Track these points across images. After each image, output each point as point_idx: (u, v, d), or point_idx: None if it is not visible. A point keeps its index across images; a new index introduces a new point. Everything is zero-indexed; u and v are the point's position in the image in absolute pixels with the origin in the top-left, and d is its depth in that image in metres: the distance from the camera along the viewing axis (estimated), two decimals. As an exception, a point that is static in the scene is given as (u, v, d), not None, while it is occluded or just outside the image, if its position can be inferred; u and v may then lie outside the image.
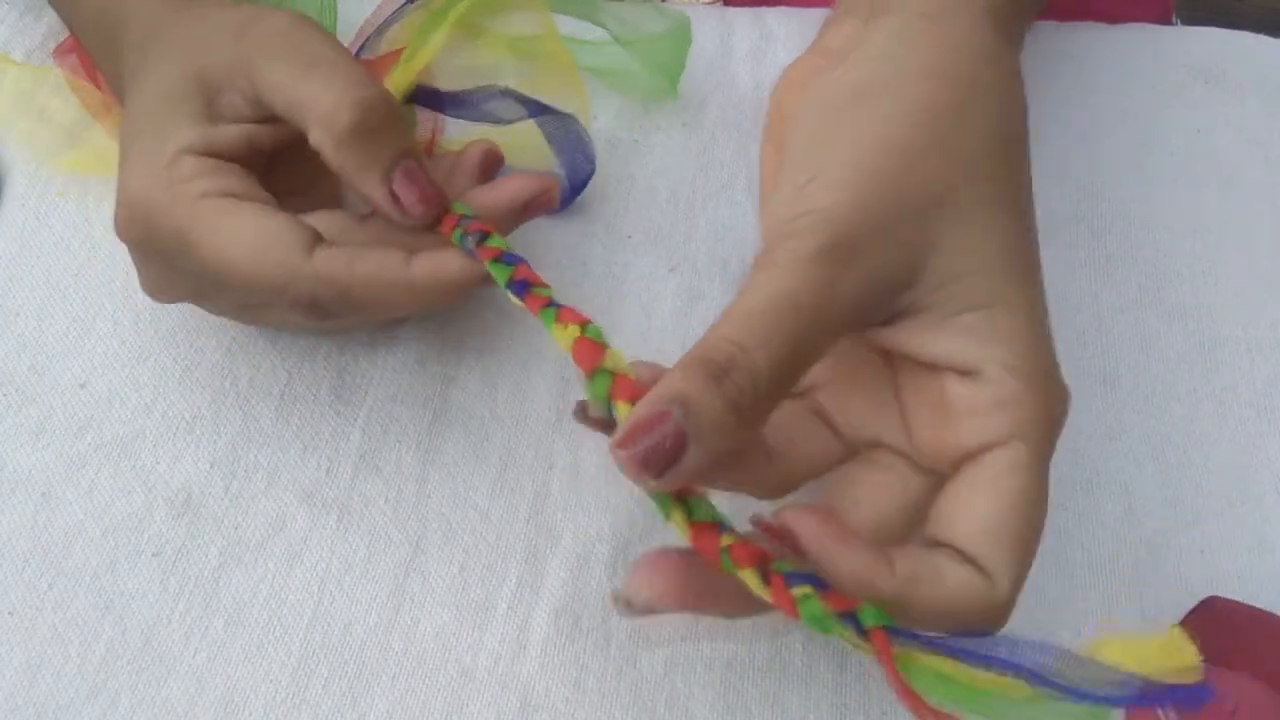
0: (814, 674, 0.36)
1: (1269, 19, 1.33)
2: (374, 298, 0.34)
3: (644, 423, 0.26)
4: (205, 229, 0.33)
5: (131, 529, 0.37)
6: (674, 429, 0.26)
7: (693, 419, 0.26)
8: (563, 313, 0.31)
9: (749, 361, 0.27)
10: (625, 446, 0.26)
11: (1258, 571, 0.37)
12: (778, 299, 0.27)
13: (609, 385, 0.29)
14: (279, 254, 0.33)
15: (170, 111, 0.34)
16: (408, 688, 0.35)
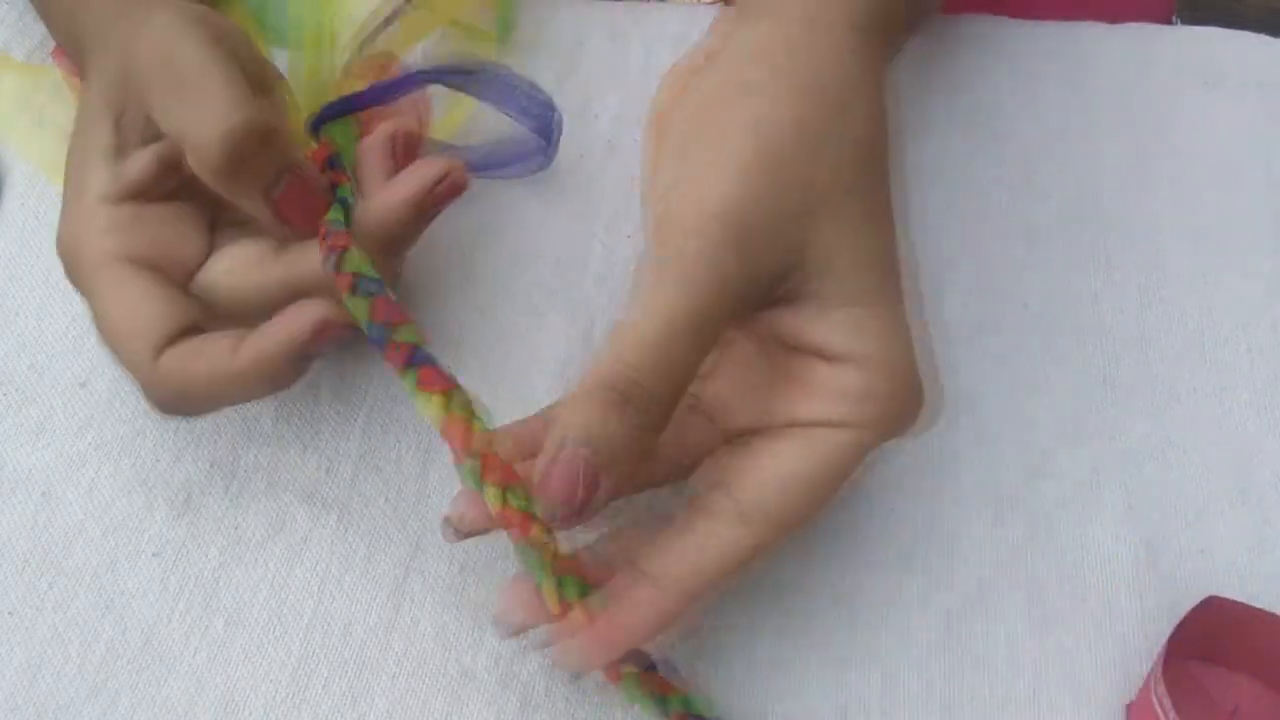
0: (814, 674, 0.36)
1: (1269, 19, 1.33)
2: (212, 395, 0.33)
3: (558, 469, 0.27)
4: (98, 298, 0.33)
5: (131, 529, 0.37)
6: (585, 468, 0.27)
7: (601, 453, 0.27)
8: (424, 374, 0.30)
9: (648, 385, 0.28)
10: (548, 496, 0.28)
11: (1258, 571, 0.37)
12: (672, 315, 0.28)
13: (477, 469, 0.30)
14: (133, 349, 0.33)
15: (88, 148, 0.34)
16: (408, 688, 0.35)
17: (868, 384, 0.30)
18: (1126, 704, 0.35)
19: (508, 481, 0.30)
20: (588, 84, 0.46)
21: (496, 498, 0.30)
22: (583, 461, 0.27)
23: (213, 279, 0.35)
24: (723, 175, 0.29)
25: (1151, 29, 0.49)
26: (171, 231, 0.35)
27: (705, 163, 0.30)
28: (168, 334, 0.33)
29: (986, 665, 0.36)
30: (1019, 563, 0.37)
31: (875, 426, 0.30)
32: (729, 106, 0.31)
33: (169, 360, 0.33)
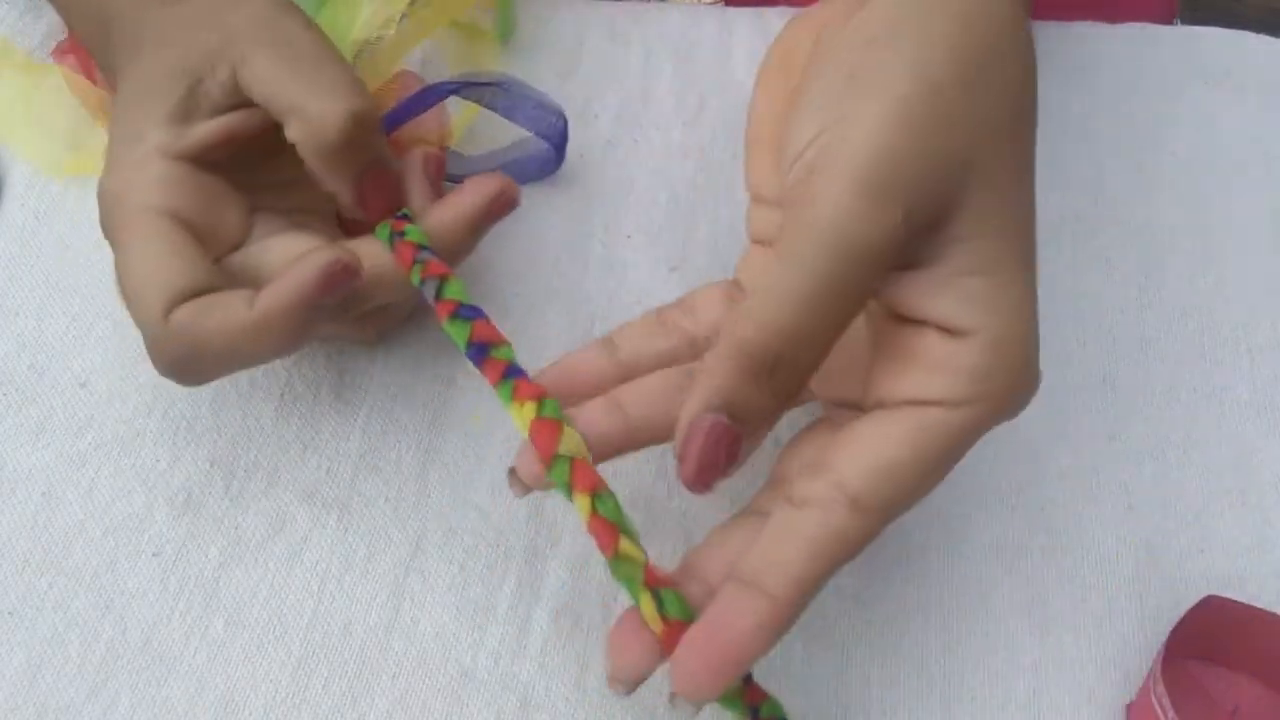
0: (814, 674, 0.36)
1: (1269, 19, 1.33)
2: (229, 348, 0.32)
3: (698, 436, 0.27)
4: (126, 247, 0.33)
5: (131, 529, 0.37)
6: (728, 436, 0.27)
7: (742, 421, 0.27)
8: (519, 385, 0.31)
9: (791, 352, 0.27)
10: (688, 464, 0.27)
11: (1258, 571, 0.37)
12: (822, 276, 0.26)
13: (568, 473, 0.30)
14: (147, 301, 0.32)
15: (149, 107, 0.34)
16: (408, 688, 0.35)
17: (991, 362, 0.28)
18: (1126, 704, 0.35)
19: (596, 489, 0.30)
20: (588, 84, 0.46)
21: (585, 506, 0.29)
22: (725, 429, 0.27)
23: (263, 262, 0.35)
24: (877, 120, 0.27)
25: (1152, 29, 0.49)
26: (218, 202, 0.35)
27: (859, 105, 0.28)
28: (185, 290, 0.32)
29: (986, 665, 0.36)
30: (1019, 563, 0.37)
31: (994, 408, 0.28)
32: (881, 52, 0.28)
33: (180, 315, 0.32)
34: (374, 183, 0.35)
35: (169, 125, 0.34)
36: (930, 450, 0.28)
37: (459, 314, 0.32)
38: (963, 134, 0.28)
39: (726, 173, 0.45)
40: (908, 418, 0.28)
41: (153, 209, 0.33)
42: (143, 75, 0.35)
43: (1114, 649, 0.36)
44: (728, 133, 0.46)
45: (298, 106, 0.33)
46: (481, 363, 0.32)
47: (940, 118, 0.27)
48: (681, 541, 0.37)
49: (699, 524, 0.38)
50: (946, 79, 0.28)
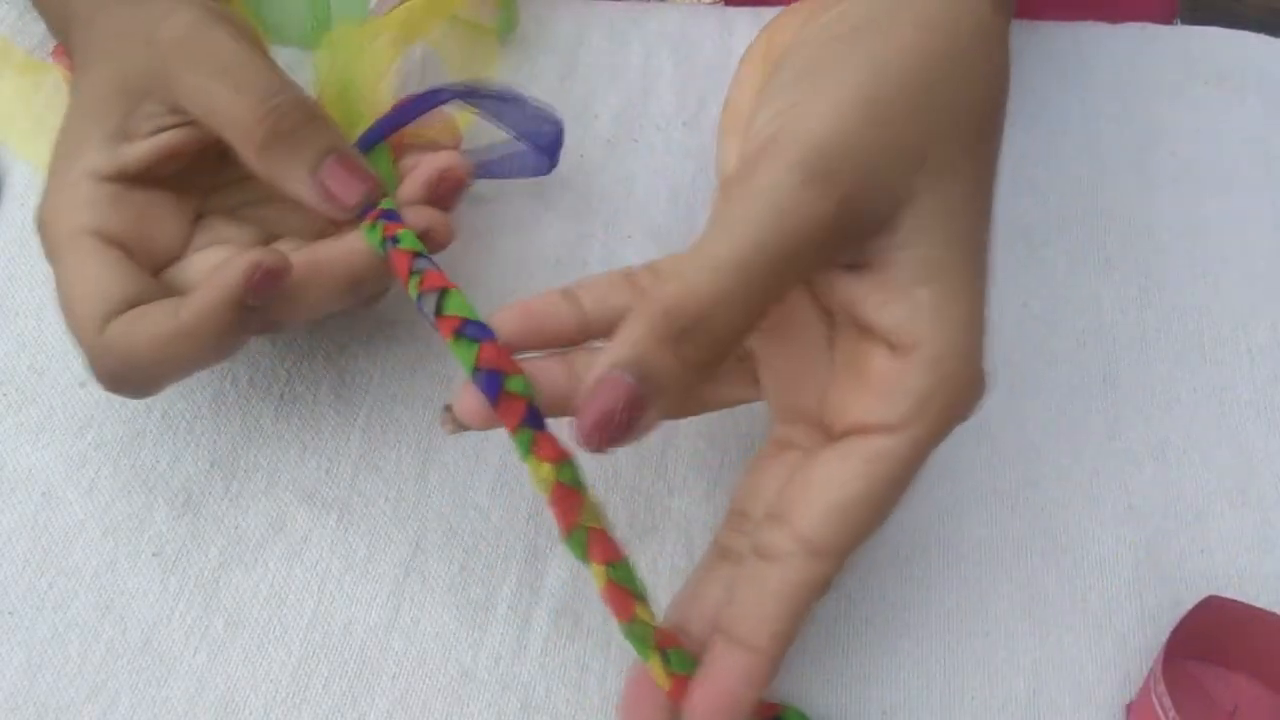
0: (814, 674, 0.36)
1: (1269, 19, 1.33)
2: (156, 360, 0.32)
3: (600, 393, 0.26)
4: (61, 266, 0.33)
5: (131, 529, 0.37)
6: (631, 396, 0.26)
7: (649, 383, 0.26)
8: (541, 442, 0.29)
9: (713, 320, 0.26)
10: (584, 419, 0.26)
11: (1258, 571, 0.37)
12: (754, 243, 0.26)
13: (585, 544, 0.29)
14: (81, 317, 0.33)
15: (87, 128, 0.34)
16: (408, 688, 0.35)
17: (932, 382, 0.28)
18: (1126, 704, 0.35)
19: (612, 560, 0.29)
20: (588, 84, 0.46)
21: (602, 575, 0.29)
22: (627, 388, 0.26)
23: (199, 272, 0.35)
24: (829, 108, 0.27)
25: (1152, 29, 0.49)
26: (151, 216, 0.35)
27: (814, 94, 0.28)
28: (118, 304, 0.33)
29: (986, 665, 0.36)
30: (1019, 563, 0.37)
31: (935, 428, 0.28)
32: (848, 42, 0.29)
33: (113, 329, 0.32)
34: (334, 175, 0.34)
35: (104, 146, 0.34)
36: (879, 482, 0.28)
37: (464, 333, 0.30)
38: (915, 133, 0.28)
39: (726, 173, 0.45)
40: (854, 453, 0.28)
41: (83, 230, 0.33)
42: (85, 94, 0.35)
43: (1114, 649, 0.36)
44: (728, 133, 0.46)
45: (223, 113, 0.33)
46: (495, 398, 0.29)
47: (892, 113, 0.28)
48: (681, 541, 0.37)
49: (699, 524, 0.38)
50: (903, 78, 0.28)
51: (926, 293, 0.28)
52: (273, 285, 0.32)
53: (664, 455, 0.39)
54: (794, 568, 0.28)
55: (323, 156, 0.34)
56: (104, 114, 0.34)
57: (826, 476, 0.29)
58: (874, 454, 0.28)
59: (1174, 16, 0.55)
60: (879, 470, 0.28)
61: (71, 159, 0.34)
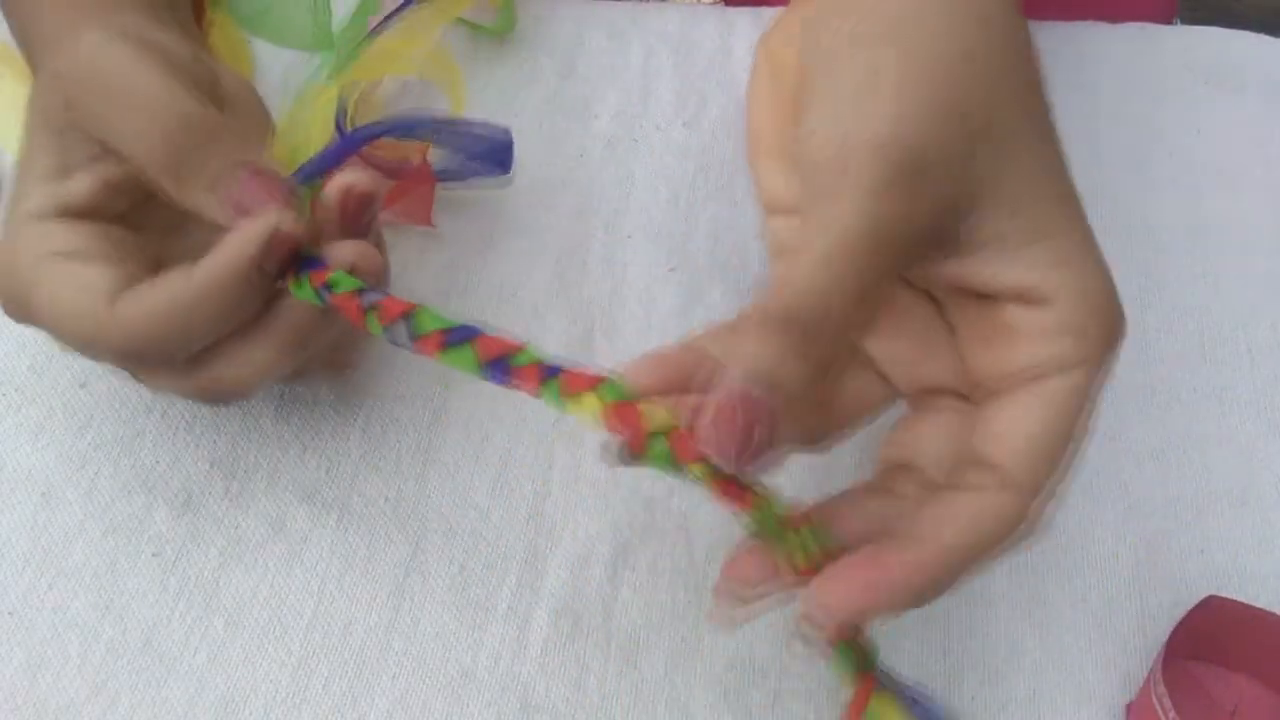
0: (814, 674, 0.36)
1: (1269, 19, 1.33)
2: (174, 328, 0.32)
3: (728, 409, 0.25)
4: (39, 291, 0.32)
5: (132, 529, 0.37)
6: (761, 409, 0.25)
7: (777, 392, 0.25)
8: (566, 379, 0.28)
9: (835, 317, 0.26)
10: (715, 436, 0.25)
11: (1258, 571, 0.37)
12: (853, 238, 0.26)
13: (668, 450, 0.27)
14: (86, 306, 0.32)
15: (27, 169, 0.34)
16: (408, 688, 0.35)
17: (1081, 317, 0.28)
18: (1126, 704, 0.35)
19: (703, 457, 0.27)
20: (588, 84, 0.46)
21: (704, 474, 0.27)
22: (758, 401, 0.25)
23: None
24: (898, 108, 0.28)
25: (1152, 29, 0.49)
26: (110, 244, 0.34)
27: (876, 96, 0.28)
28: (118, 286, 0.32)
29: (986, 665, 0.36)
30: (1019, 563, 0.37)
31: (1099, 359, 0.29)
32: (888, 40, 0.29)
33: (125, 303, 0.32)
34: (246, 191, 0.32)
35: (42, 186, 0.33)
36: (1064, 417, 0.28)
37: (450, 342, 0.29)
38: (979, 113, 0.28)
39: (726, 173, 0.45)
40: (1028, 391, 0.28)
41: (44, 256, 0.32)
42: (25, 135, 0.34)
43: (1114, 649, 0.36)
44: (728, 133, 0.46)
45: (124, 142, 0.32)
46: (508, 379, 0.28)
47: (954, 100, 0.28)
48: (682, 541, 0.37)
49: (699, 524, 0.38)
50: (956, 65, 0.28)
51: (1041, 248, 0.28)
52: (288, 246, 0.32)
53: (664, 455, 0.39)
54: (989, 494, 0.28)
55: (230, 171, 0.32)
56: (38, 154, 0.33)
57: (1013, 419, 0.28)
58: (1053, 392, 0.28)
59: (1174, 16, 0.56)
60: (1062, 406, 0.28)
61: (16, 201, 0.33)
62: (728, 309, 0.42)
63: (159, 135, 0.32)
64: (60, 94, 0.33)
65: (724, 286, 0.42)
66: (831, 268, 0.26)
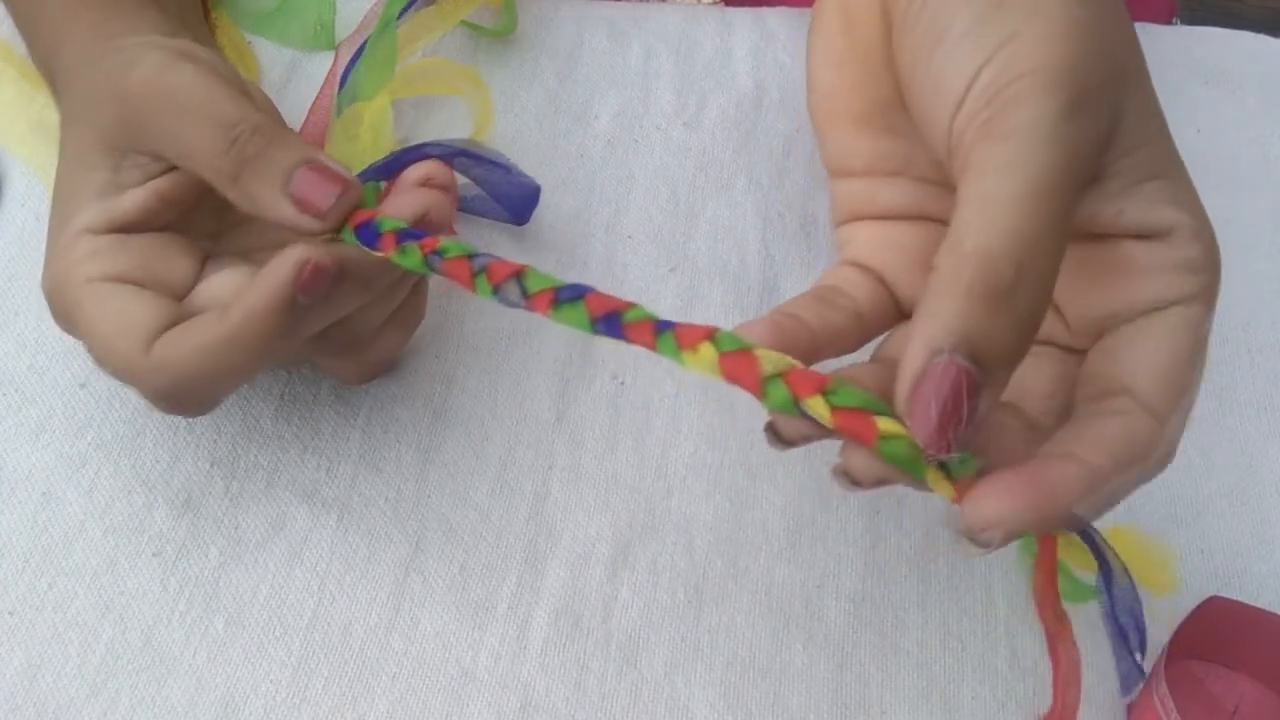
0: (814, 674, 0.36)
1: (1269, 19, 1.33)
2: (210, 371, 0.32)
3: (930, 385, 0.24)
4: (83, 316, 0.33)
5: (132, 529, 0.37)
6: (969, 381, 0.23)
7: (984, 361, 0.24)
8: (681, 332, 0.28)
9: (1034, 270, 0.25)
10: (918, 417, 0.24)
11: (1258, 571, 0.37)
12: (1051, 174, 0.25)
13: (786, 391, 0.26)
14: (123, 348, 0.32)
15: (77, 184, 0.34)
16: (408, 688, 0.35)
17: (1200, 253, 0.28)
18: (1127, 704, 0.35)
19: (824, 387, 0.26)
20: (588, 84, 0.46)
21: (824, 408, 0.26)
22: (964, 374, 0.23)
23: (212, 296, 0.35)
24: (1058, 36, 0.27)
25: (1152, 29, 0.49)
26: (157, 256, 0.34)
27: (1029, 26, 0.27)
28: (158, 326, 0.33)
29: (986, 665, 0.36)
30: (1020, 563, 0.37)
31: (1213, 291, 0.29)
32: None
33: (160, 348, 0.32)
34: (305, 183, 0.32)
35: (95, 203, 0.34)
36: (1189, 347, 0.28)
37: (561, 299, 0.29)
38: (1120, 45, 0.28)
39: (726, 173, 0.45)
40: (1156, 322, 0.28)
41: (93, 278, 0.33)
42: (69, 155, 0.35)
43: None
44: (727, 133, 0.46)
45: (192, 155, 0.33)
46: (622, 333, 0.28)
47: (1101, 30, 0.28)
48: (682, 541, 0.37)
49: (699, 524, 0.38)
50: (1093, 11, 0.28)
51: (1157, 185, 0.28)
52: (322, 281, 0.32)
53: (664, 455, 0.39)
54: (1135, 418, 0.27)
55: (291, 171, 0.32)
56: (91, 172, 0.34)
57: (1145, 350, 0.28)
58: (1178, 324, 0.28)
59: (1173, 16, 0.56)
60: (1187, 337, 0.28)
61: (65, 220, 0.34)
62: (727, 309, 0.42)
63: (228, 146, 0.32)
64: (120, 113, 0.33)
65: (724, 286, 0.42)
66: (1030, 210, 0.25)
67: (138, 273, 0.34)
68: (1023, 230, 0.24)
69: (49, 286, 0.34)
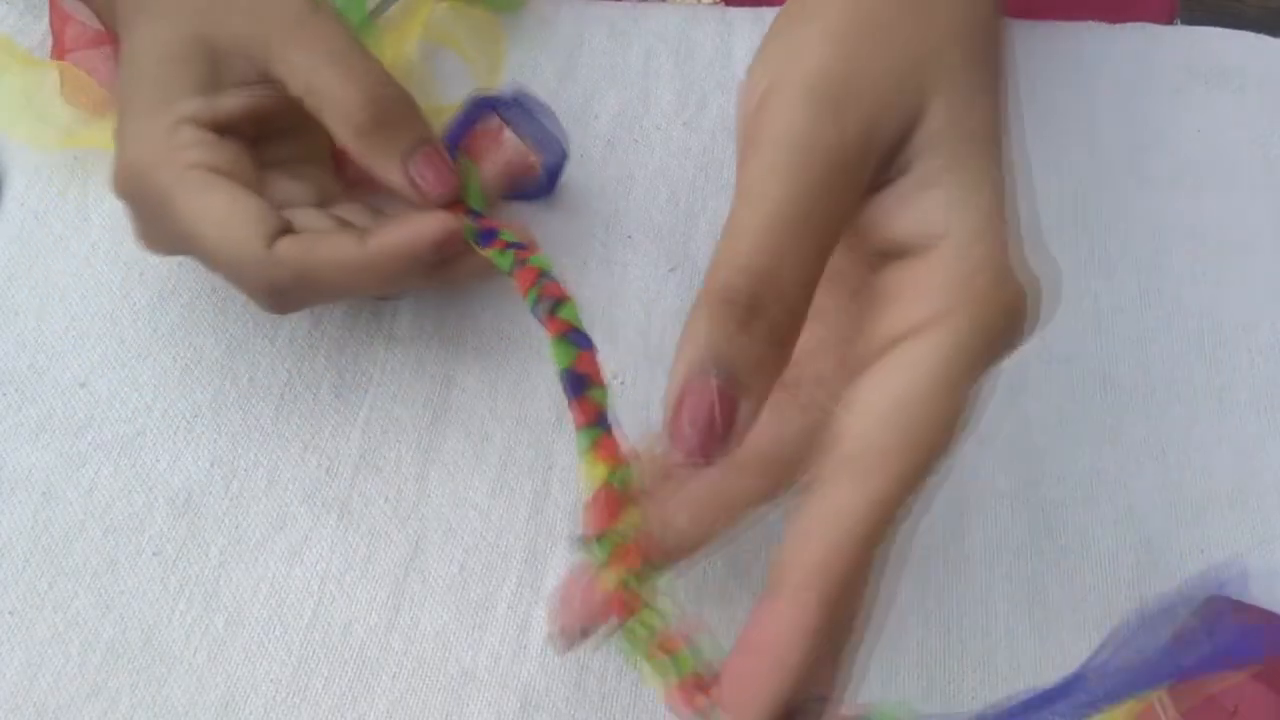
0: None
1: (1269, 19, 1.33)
2: (335, 280, 0.35)
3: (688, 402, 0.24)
4: (185, 198, 0.34)
5: (132, 528, 0.37)
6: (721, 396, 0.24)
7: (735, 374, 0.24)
8: (604, 443, 0.29)
9: (777, 284, 0.25)
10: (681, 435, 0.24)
11: (1258, 571, 0.37)
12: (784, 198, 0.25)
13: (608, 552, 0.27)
14: (242, 235, 0.34)
15: (173, 75, 0.35)
16: (408, 687, 0.35)
17: (966, 268, 0.25)
18: (1126, 704, 0.35)
19: (632, 569, 0.28)
20: (588, 84, 0.46)
21: (614, 582, 0.28)
22: (721, 390, 0.24)
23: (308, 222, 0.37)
24: (821, 38, 0.27)
25: (1152, 29, 0.49)
26: (245, 163, 0.36)
27: (803, 31, 0.27)
28: (277, 226, 0.35)
29: (987, 665, 0.36)
30: (1019, 563, 0.37)
31: (980, 318, 0.25)
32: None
33: (287, 246, 0.34)
34: (423, 166, 0.36)
35: (196, 94, 0.35)
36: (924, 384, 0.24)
37: (569, 337, 0.31)
38: (913, 47, 0.27)
39: (727, 173, 0.45)
40: (890, 356, 0.25)
41: (199, 165, 0.35)
42: (162, 41, 0.36)
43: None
44: (727, 133, 0.46)
45: (330, 95, 0.35)
46: (576, 397, 0.30)
47: (884, 32, 0.27)
48: (681, 541, 0.37)
49: (699, 524, 0.38)
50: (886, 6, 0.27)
51: (939, 191, 0.26)
52: (453, 248, 0.36)
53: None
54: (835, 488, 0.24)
55: (416, 148, 0.36)
56: (189, 64, 0.35)
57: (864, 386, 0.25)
58: (911, 351, 0.25)
59: (1174, 16, 0.56)
60: (922, 371, 0.24)
61: (161, 105, 0.35)
62: (728, 309, 0.42)
63: (369, 103, 0.35)
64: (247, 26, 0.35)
65: (724, 286, 0.42)
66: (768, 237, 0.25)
67: (236, 172, 0.35)
68: (758, 263, 0.25)
69: (132, 169, 0.35)
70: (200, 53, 0.35)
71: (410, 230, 0.35)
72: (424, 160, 0.36)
